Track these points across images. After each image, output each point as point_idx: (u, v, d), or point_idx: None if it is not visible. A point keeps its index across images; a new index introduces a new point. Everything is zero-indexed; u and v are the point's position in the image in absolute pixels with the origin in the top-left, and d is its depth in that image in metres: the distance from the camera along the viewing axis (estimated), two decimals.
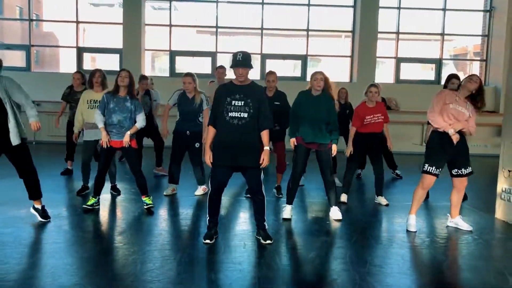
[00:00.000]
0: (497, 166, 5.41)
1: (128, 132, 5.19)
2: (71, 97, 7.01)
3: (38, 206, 4.84)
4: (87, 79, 6.18)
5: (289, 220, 5.15)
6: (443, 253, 4.31)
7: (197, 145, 6.02)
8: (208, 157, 4.24)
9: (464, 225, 4.89)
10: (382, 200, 6.00)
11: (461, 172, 4.78)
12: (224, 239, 4.46)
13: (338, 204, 5.44)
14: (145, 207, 5.37)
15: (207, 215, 4.43)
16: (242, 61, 4.12)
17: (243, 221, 5.22)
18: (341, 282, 3.55)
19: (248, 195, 6.02)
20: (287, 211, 5.24)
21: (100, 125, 5.20)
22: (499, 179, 5.23)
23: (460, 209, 5.08)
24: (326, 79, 5.04)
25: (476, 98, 4.68)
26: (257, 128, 4.20)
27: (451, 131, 4.58)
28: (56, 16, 12.28)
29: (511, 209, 5.03)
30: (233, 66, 4.16)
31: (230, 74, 6.17)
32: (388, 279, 3.61)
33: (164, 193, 6.15)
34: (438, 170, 4.71)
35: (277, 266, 3.85)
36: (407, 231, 4.80)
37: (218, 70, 7.85)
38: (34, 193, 4.80)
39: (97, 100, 5.75)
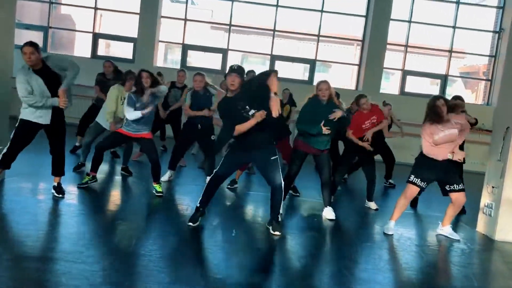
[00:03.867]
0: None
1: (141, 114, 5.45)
2: (103, 83, 7.35)
3: (55, 183, 5.13)
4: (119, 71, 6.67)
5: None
6: (419, 256, 4.56)
7: (212, 137, 6.29)
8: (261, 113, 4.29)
9: (454, 235, 5.12)
10: (372, 204, 6.23)
11: (454, 187, 4.98)
12: (218, 225, 4.74)
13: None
14: (156, 194, 5.63)
15: (199, 201, 4.63)
16: (236, 69, 4.39)
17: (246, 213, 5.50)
18: (319, 271, 3.84)
19: (229, 186, 6.31)
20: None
21: (138, 116, 5.40)
22: (483, 194, 5.47)
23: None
24: (330, 88, 5.33)
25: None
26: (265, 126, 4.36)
27: (450, 156, 4.84)
28: (75, 0, 12.56)
29: (491, 223, 5.27)
30: (227, 74, 4.45)
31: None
32: (362, 274, 3.88)
33: (162, 179, 6.40)
34: (423, 183, 4.96)
35: (255, 253, 4.13)
36: (384, 233, 5.03)
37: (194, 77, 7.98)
38: (58, 170, 5.10)
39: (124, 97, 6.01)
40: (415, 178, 4.96)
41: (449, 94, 12.36)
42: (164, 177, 6.37)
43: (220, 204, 5.58)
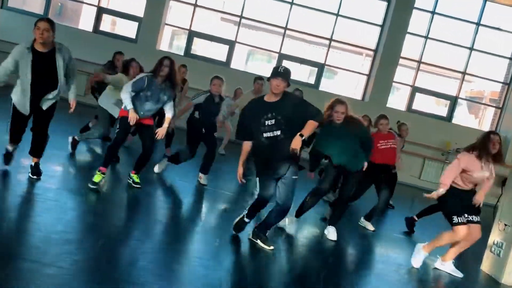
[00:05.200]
0: (490, 216, 5.24)
1: (165, 125, 5.06)
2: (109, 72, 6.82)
3: (32, 163, 4.69)
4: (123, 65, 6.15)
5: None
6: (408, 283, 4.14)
7: (215, 134, 6.04)
8: (240, 173, 4.14)
9: (456, 272, 4.70)
10: (368, 225, 5.82)
11: (472, 218, 4.57)
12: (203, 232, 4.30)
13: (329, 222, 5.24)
14: (133, 184, 5.18)
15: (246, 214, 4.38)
16: (283, 73, 4.01)
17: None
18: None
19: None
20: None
21: (130, 106, 4.87)
22: (493, 231, 5.05)
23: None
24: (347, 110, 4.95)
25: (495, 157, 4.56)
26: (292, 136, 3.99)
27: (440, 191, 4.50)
28: None
29: (499, 264, 4.84)
30: (271, 76, 4.02)
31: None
32: None
33: (156, 170, 5.98)
34: (469, 216, 4.56)
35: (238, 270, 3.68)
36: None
37: (257, 81, 7.69)
38: (36, 151, 4.67)
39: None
40: (458, 218, 4.52)
41: (455, 117, 12.05)
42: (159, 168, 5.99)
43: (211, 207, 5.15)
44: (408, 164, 10.63)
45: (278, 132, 4.01)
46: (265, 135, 4.03)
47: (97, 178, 4.85)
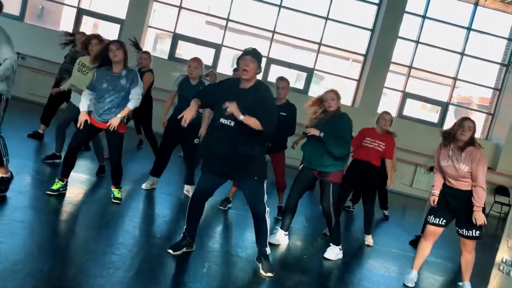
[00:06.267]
0: (491, 227, 4.93)
1: (119, 115, 4.48)
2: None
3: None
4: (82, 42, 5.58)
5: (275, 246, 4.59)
6: None
7: (196, 141, 5.37)
8: (189, 117, 3.56)
9: None
10: (368, 239, 5.48)
11: (462, 232, 4.29)
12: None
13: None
14: (113, 199, 4.75)
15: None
16: (251, 51, 3.57)
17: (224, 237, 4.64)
18: None
19: (222, 207, 5.42)
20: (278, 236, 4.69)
21: (83, 108, 4.47)
22: (501, 247, 4.71)
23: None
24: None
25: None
26: (253, 137, 3.58)
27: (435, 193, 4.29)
28: None
29: (508, 283, 4.51)
30: (238, 58, 3.59)
31: None
32: None
33: (143, 187, 5.49)
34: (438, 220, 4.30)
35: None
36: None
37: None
38: None
39: (87, 66, 5.18)
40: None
41: (447, 123, 11.81)
42: (146, 185, 5.47)
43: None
44: (399, 171, 10.37)
45: (232, 124, 3.54)
46: (221, 120, 3.58)
47: (55, 185, 4.51)
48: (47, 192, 4.50)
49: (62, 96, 6.15)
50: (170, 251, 3.69)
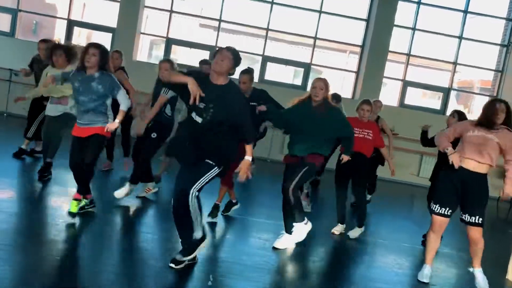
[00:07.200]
0: (502, 212, 4.75)
1: (117, 120, 4.33)
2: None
3: None
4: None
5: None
6: None
7: (153, 135, 5.15)
8: (195, 90, 3.36)
9: (480, 282, 4.17)
10: (355, 233, 5.25)
11: (465, 218, 4.12)
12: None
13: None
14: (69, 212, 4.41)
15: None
16: (230, 48, 3.47)
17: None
18: None
19: (212, 218, 5.01)
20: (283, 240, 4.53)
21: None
22: None
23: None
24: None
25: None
26: (220, 132, 3.49)
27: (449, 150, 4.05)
28: None
29: None
30: (216, 51, 3.47)
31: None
32: None
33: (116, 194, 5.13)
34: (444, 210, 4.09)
35: None
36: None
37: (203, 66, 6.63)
38: None
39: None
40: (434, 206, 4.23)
41: (449, 109, 11.61)
42: (120, 192, 5.08)
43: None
44: (405, 161, 10.19)
45: (200, 120, 3.45)
46: (192, 115, 3.48)
47: (80, 203, 4.41)
48: (69, 210, 4.35)
49: (41, 107, 5.88)
50: (172, 265, 3.54)
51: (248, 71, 5.15)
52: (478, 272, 4.19)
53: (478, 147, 3.99)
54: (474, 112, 11.86)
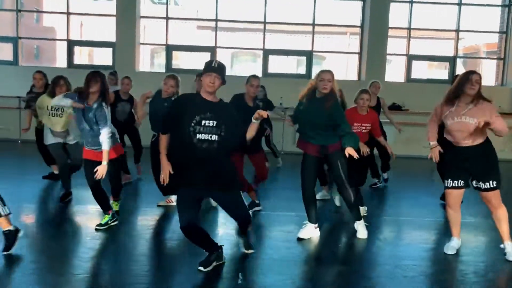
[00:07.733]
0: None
1: (104, 163, 4.31)
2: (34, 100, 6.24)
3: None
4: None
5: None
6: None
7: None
8: (166, 173, 3.52)
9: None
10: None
11: (479, 185, 4.09)
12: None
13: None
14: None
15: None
16: (217, 67, 3.49)
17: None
18: None
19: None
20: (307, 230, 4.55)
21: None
22: None
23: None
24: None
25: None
26: (229, 152, 3.61)
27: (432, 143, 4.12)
28: (48, 8, 11.58)
29: None
30: (205, 71, 3.49)
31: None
32: None
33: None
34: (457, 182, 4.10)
35: None
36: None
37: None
38: None
39: (58, 108, 5.32)
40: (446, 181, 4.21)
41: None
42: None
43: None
44: (416, 135, 10.09)
45: (216, 138, 3.43)
46: (198, 136, 3.41)
47: (103, 219, 4.60)
48: (96, 227, 4.50)
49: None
50: (201, 268, 3.59)
51: (258, 76, 5.18)
52: (508, 245, 4.14)
53: (462, 134, 4.00)
54: (486, 78, 11.71)
